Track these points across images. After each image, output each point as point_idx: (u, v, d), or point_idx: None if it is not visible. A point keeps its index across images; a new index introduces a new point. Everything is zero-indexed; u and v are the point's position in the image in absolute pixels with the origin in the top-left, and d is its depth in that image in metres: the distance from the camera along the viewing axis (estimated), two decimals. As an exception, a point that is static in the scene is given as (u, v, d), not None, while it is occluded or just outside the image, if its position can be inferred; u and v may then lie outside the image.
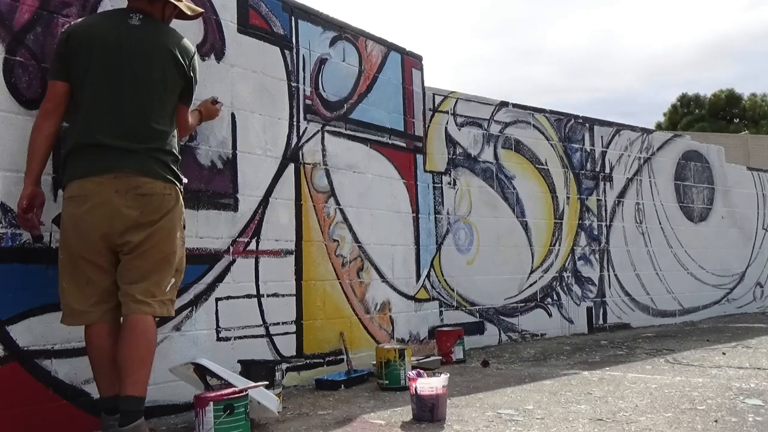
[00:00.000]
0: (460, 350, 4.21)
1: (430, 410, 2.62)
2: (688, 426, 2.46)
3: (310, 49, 3.81)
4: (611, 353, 4.53)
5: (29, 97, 2.51)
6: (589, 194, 5.99)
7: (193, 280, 3.05)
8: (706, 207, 7.13)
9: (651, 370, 3.77)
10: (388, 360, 3.37)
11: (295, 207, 3.62)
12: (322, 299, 3.73)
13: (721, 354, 4.34)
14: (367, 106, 4.17)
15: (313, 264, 3.70)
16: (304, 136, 3.72)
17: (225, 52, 3.31)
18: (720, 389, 3.14)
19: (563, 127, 5.85)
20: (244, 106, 3.38)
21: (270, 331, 3.41)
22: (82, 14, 2.70)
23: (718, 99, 33.20)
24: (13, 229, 2.44)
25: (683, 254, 6.77)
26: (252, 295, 3.34)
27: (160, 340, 2.87)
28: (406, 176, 4.44)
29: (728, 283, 7.31)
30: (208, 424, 2.29)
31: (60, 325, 2.42)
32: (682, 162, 6.90)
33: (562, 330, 5.62)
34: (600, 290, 5.95)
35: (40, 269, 2.49)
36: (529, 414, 2.72)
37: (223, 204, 3.23)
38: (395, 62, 4.45)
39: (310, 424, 2.66)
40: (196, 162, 3.12)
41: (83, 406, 2.58)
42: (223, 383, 2.58)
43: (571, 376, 3.62)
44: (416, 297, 4.45)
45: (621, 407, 2.80)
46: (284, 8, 3.66)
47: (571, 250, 5.77)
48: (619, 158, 6.28)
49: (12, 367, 2.39)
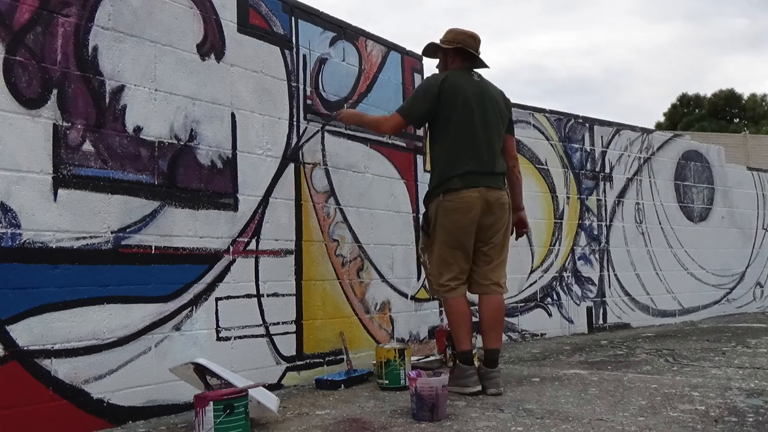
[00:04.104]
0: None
1: (430, 410, 2.62)
2: (688, 426, 2.46)
3: (310, 49, 3.81)
4: (611, 353, 4.53)
5: (29, 96, 2.52)
6: (589, 194, 5.99)
7: (193, 279, 3.05)
8: (706, 207, 7.13)
9: (651, 370, 3.77)
10: (388, 360, 3.37)
11: (295, 207, 3.62)
12: (322, 299, 3.73)
13: (721, 354, 4.34)
14: (367, 105, 4.16)
15: (313, 264, 3.70)
16: (304, 136, 3.72)
17: (225, 51, 3.31)
18: (720, 389, 3.14)
19: (563, 126, 5.85)
20: (244, 106, 3.38)
21: (270, 331, 3.41)
22: (82, 14, 2.70)
23: (718, 99, 33.18)
24: (13, 229, 2.44)
25: (683, 254, 6.77)
26: (252, 295, 3.34)
27: (160, 340, 2.88)
28: (406, 176, 4.44)
29: (728, 283, 7.32)
30: (208, 423, 2.30)
31: (60, 324, 2.44)
32: (682, 162, 6.90)
33: (562, 330, 5.62)
34: (600, 290, 5.95)
35: (40, 269, 2.49)
36: (529, 414, 2.72)
37: (223, 204, 3.23)
38: (395, 62, 4.45)
39: (310, 424, 2.66)
40: (196, 162, 3.12)
41: (83, 406, 2.59)
42: (223, 383, 2.58)
43: (571, 376, 3.62)
44: (416, 297, 4.45)
45: (621, 407, 2.80)
46: (284, 8, 3.66)
47: (571, 250, 5.77)
48: (619, 158, 6.28)
49: (12, 367, 2.39)
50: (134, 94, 2.88)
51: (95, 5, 2.76)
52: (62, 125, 2.62)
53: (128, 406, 2.74)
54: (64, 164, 2.61)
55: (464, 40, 3.38)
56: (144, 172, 2.89)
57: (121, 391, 2.72)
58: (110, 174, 2.76)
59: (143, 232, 2.86)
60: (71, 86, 2.66)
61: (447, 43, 3.41)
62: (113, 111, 2.80)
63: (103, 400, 2.66)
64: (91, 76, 2.73)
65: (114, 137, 2.79)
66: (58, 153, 2.59)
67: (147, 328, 2.84)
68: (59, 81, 2.62)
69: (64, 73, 2.64)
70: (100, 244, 2.70)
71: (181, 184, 3.04)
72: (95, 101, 2.73)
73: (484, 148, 3.26)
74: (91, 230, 2.68)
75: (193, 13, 3.16)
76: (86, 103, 2.70)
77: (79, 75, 2.69)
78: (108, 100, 2.78)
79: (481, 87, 3.35)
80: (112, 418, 2.68)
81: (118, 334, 2.73)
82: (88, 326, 2.63)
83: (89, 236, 2.67)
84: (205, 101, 3.19)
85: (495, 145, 3.32)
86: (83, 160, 2.67)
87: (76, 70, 2.68)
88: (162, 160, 2.97)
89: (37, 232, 2.51)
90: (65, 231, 2.59)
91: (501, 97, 3.44)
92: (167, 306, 2.93)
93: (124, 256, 2.79)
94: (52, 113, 2.59)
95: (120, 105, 2.82)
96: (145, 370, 2.81)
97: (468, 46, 3.38)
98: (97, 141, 2.73)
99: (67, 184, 2.61)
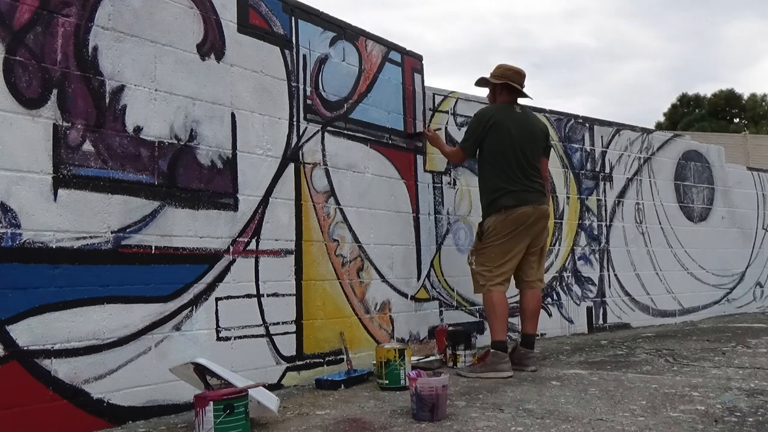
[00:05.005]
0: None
1: (430, 410, 2.62)
2: (688, 426, 2.46)
3: (310, 49, 3.81)
4: (611, 353, 4.53)
5: (29, 96, 2.52)
6: (589, 194, 5.99)
7: (193, 279, 3.05)
8: (706, 207, 7.13)
9: (651, 370, 3.77)
10: (388, 360, 3.37)
11: (295, 207, 3.62)
12: (322, 299, 3.73)
13: (721, 354, 4.34)
14: (367, 105, 4.17)
15: (313, 264, 3.70)
16: (304, 136, 3.72)
17: (225, 51, 3.31)
18: (720, 389, 3.14)
19: (563, 126, 5.85)
20: (244, 106, 3.38)
21: (270, 331, 3.41)
22: (82, 14, 2.70)
23: (718, 99, 33.18)
24: (13, 229, 2.44)
25: (683, 254, 6.77)
26: (252, 295, 3.34)
27: (160, 340, 2.88)
28: (406, 176, 4.44)
29: (728, 283, 7.31)
30: (208, 423, 2.30)
31: (60, 325, 2.44)
32: (682, 162, 6.90)
33: (562, 330, 5.62)
34: (600, 290, 5.95)
35: (40, 269, 2.50)
36: (529, 414, 2.72)
37: (223, 204, 3.23)
38: (395, 62, 4.45)
39: (310, 423, 2.66)
40: (196, 162, 3.12)
41: (83, 406, 2.59)
42: (223, 383, 2.58)
43: (571, 375, 3.62)
44: (416, 297, 4.45)
45: (621, 407, 2.80)
46: (284, 8, 3.66)
47: (571, 250, 5.76)
48: (619, 158, 6.28)
49: (12, 366, 2.39)
50: (134, 94, 2.88)
51: (95, 5, 2.76)
52: (62, 125, 2.62)
53: (128, 406, 2.74)
54: (64, 164, 2.61)
55: (511, 76, 3.94)
56: (144, 172, 2.89)
57: (121, 391, 2.72)
58: (110, 174, 2.76)
59: (143, 232, 2.87)
60: (71, 86, 2.66)
61: (496, 78, 3.97)
62: (113, 111, 2.80)
63: (103, 400, 2.66)
64: (91, 76, 2.73)
65: (114, 137, 2.79)
66: (58, 153, 2.59)
67: (147, 328, 2.84)
68: (59, 81, 2.62)
69: (64, 73, 2.64)
70: (100, 244, 2.70)
71: (181, 184, 3.04)
72: (95, 101, 2.73)
73: (525, 171, 3.85)
74: (91, 230, 2.68)
75: (193, 13, 3.16)
76: (86, 103, 2.71)
77: (79, 75, 2.69)
78: (108, 100, 2.78)
79: (522, 119, 3.95)
80: (112, 418, 2.68)
81: (118, 334, 2.74)
82: (88, 326, 2.63)
83: (89, 236, 2.67)
84: (205, 101, 3.19)
85: (533, 168, 3.91)
86: (83, 160, 2.67)
87: (76, 70, 2.68)
88: (162, 160, 2.97)
89: (37, 232, 2.51)
90: (65, 231, 2.59)
91: (539, 127, 4.05)
92: (167, 306, 2.93)
93: (124, 256, 2.79)
94: (52, 113, 2.59)
95: (120, 105, 2.82)
96: (145, 370, 2.81)
97: (514, 81, 3.94)
98: (97, 141, 2.73)
99: (67, 184, 2.61)
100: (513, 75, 3.94)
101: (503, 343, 3.72)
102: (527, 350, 3.87)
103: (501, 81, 3.95)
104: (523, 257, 3.92)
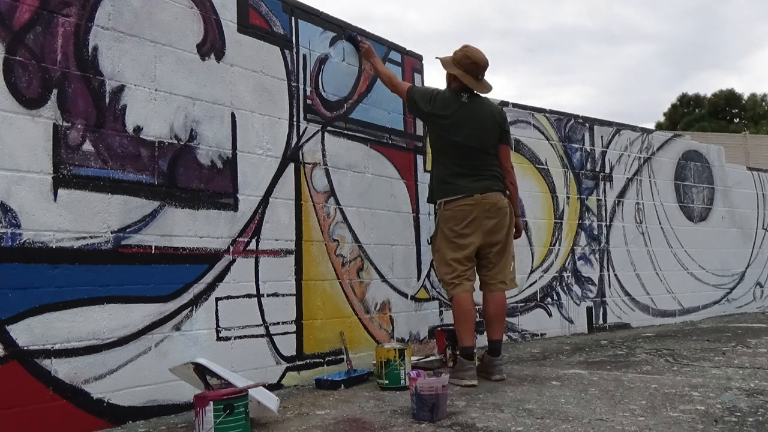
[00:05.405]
0: (460, 350, 4.21)
1: (430, 410, 2.62)
2: (688, 426, 2.47)
3: (310, 49, 3.81)
4: (611, 353, 4.53)
5: (29, 96, 2.52)
6: (589, 194, 5.99)
7: (193, 279, 3.05)
8: (706, 207, 7.13)
9: (651, 370, 3.77)
10: (388, 360, 3.37)
11: (295, 207, 3.62)
12: (322, 299, 3.73)
13: (721, 354, 4.35)
14: (367, 105, 4.17)
15: (313, 264, 3.70)
16: (304, 136, 3.72)
17: (225, 51, 3.31)
18: (720, 389, 3.14)
19: (563, 126, 5.85)
20: (244, 106, 3.38)
21: (270, 331, 3.41)
22: (82, 14, 2.70)
23: (718, 99, 33.18)
24: (13, 229, 2.44)
25: (683, 254, 6.77)
26: (252, 295, 3.34)
27: (160, 340, 2.88)
28: (406, 176, 4.44)
29: (728, 283, 7.32)
30: (208, 423, 2.30)
31: (60, 324, 2.44)
32: (682, 162, 6.90)
33: (562, 330, 5.62)
34: (600, 290, 5.95)
35: (40, 269, 2.49)
36: (529, 414, 2.72)
37: (223, 204, 3.23)
38: (395, 62, 4.45)
39: (310, 423, 2.66)
40: (196, 162, 3.12)
41: (83, 406, 2.59)
42: (223, 383, 2.58)
43: (571, 375, 3.62)
44: (416, 297, 4.45)
45: (621, 407, 2.80)
46: (284, 8, 3.66)
47: (571, 250, 5.77)
48: (619, 158, 6.28)
49: (12, 366, 2.39)
50: (134, 94, 2.88)
51: (95, 5, 2.76)
52: (62, 125, 2.62)
53: (128, 406, 2.74)
54: (64, 164, 2.61)
55: (467, 66, 3.66)
56: (144, 172, 2.89)
57: (121, 391, 2.72)
58: (110, 174, 2.76)
59: (143, 232, 2.87)
60: (71, 86, 2.66)
61: (452, 64, 3.72)
62: (113, 111, 2.80)
63: (103, 400, 2.66)
64: (91, 76, 2.73)
65: (114, 137, 2.79)
66: (58, 153, 2.59)
67: (147, 328, 2.84)
68: (59, 81, 2.62)
69: (64, 73, 2.64)
70: (100, 244, 2.70)
71: (181, 184, 3.04)
72: (95, 101, 2.74)
73: (470, 161, 3.61)
74: (91, 230, 2.68)
75: (193, 13, 3.16)
76: (86, 103, 2.70)
77: (79, 75, 2.69)
78: (108, 100, 2.78)
79: (469, 106, 3.68)
80: (112, 418, 2.68)
81: (118, 334, 2.74)
82: (88, 326, 2.63)
83: (89, 236, 2.67)
84: (205, 101, 3.19)
85: (482, 157, 3.65)
86: (83, 160, 2.67)
87: (76, 70, 2.68)
88: (162, 160, 2.97)
89: (37, 232, 2.51)
90: (65, 231, 2.59)
91: (489, 113, 3.73)
92: (167, 306, 2.93)
93: (124, 256, 2.79)
94: (52, 113, 2.59)
95: (120, 105, 2.82)
96: (145, 370, 2.81)
97: (469, 72, 3.67)
98: (97, 141, 2.73)
99: (67, 184, 2.61)
100: (469, 65, 3.66)
101: (467, 350, 3.50)
102: (491, 358, 3.58)
103: (453, 71, 3.71)
104: (483, 258, 3.64)
